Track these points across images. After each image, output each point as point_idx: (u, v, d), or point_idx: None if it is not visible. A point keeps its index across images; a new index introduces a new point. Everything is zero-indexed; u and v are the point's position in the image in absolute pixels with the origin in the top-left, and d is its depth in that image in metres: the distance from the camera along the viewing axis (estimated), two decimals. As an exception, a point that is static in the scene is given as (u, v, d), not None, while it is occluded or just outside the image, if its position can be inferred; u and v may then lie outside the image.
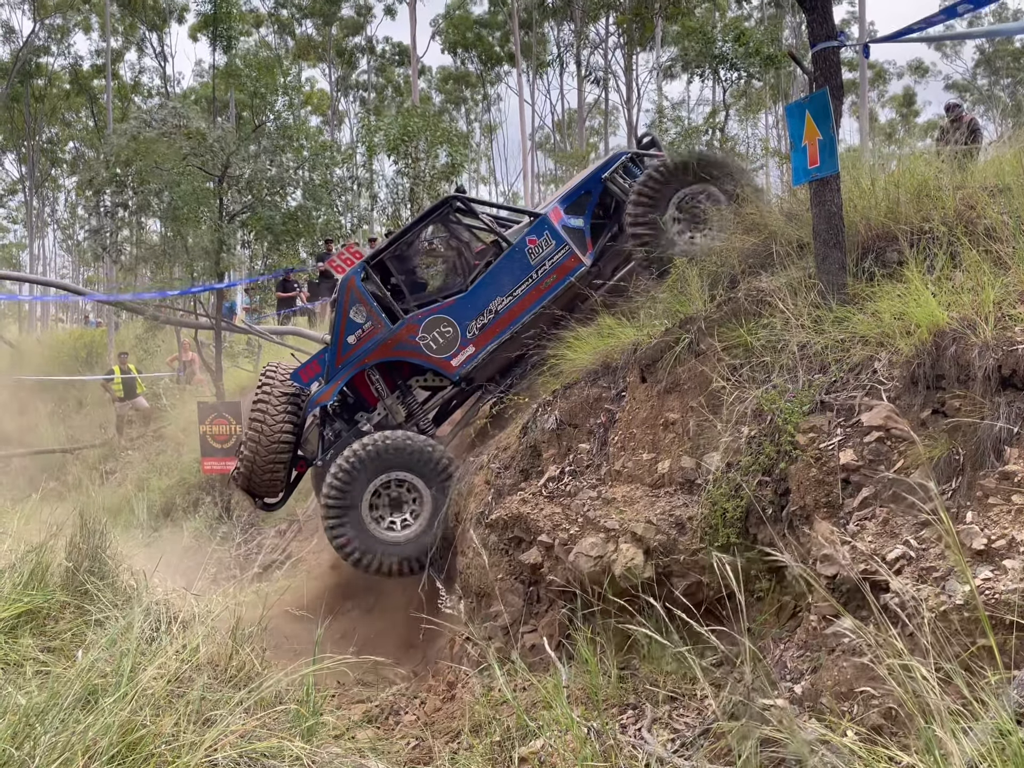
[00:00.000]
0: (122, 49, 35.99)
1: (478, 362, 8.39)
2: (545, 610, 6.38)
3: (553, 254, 8.29)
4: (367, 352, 8.46)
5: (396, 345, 8.43)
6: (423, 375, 8.80)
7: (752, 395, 5.47)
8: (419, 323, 8.38)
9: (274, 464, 8.57)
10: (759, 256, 6.84)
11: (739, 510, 5.13)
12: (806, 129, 5.75)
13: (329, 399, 8.56)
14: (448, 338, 8.35)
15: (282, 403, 8.60)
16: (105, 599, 5.41)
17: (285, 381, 8.75)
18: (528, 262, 8.31)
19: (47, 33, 33.59)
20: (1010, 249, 5.12)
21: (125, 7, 32.07)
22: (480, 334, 8.34)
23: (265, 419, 8.51)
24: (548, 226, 8.37)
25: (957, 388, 4.30)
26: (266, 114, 17.90)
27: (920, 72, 48.69)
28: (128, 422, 18.43)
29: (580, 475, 6.67)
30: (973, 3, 5.32)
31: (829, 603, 4.21)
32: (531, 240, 8.34)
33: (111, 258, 18.07)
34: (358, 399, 8.89)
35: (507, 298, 8.31)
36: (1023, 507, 3.60)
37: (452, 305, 8.40)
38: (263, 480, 8.70)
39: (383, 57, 43.11)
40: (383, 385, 8.61)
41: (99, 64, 36.20)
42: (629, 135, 29.36)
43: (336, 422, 8.84)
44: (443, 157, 18.06)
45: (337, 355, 8.53)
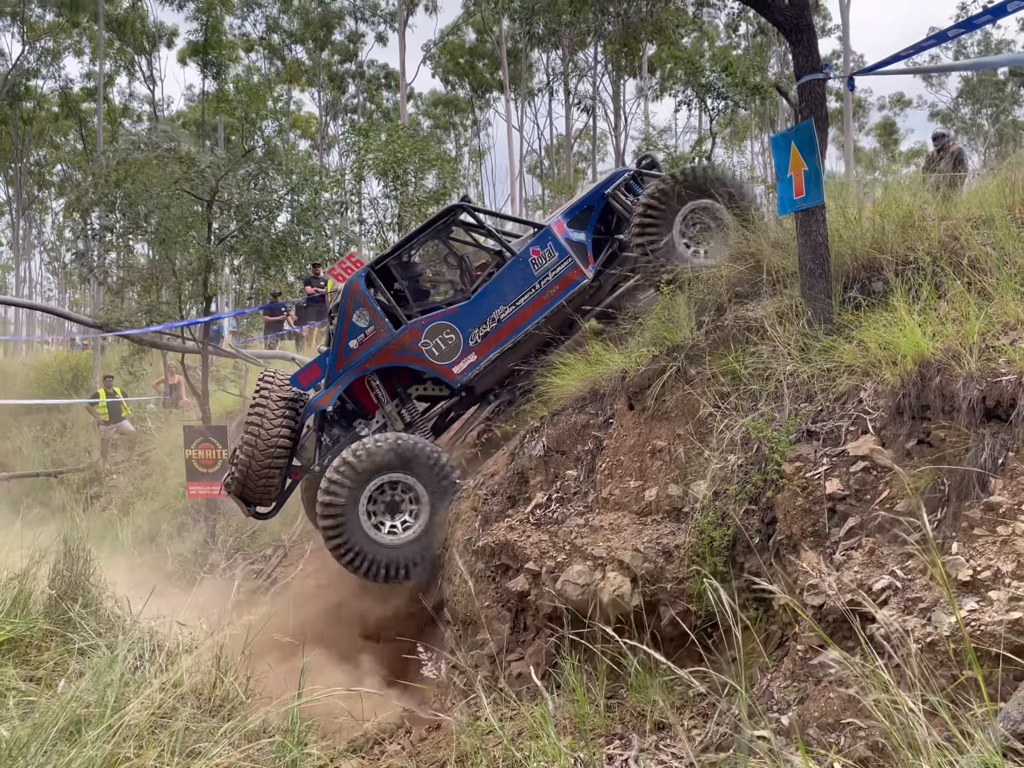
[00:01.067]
0: (112, 73, 36.05)
1: (480, 370, 8.35)
2: (532, 638, 6.36)
3: (556, 265, 8.32)
4: (369, 357, 8.42)
5: (398, 350, 8.40)
6: (423, 384, 8.77)
7: (739, 423, 5.49)
8: (422, 329, 8.35)
9: (270, 469, 8.43)
10: (746, 284, 6.89)
11: (726, 539, 5.14)
12: (792, 160, 5.81)
13: (328, 403, 8.49)
14: (451, 345, 8.32)
15: (280, 407, 8.48)
16: (88, 627, 5.36)
17: (283, 386, 8.66)
18: (531, 272, 8.33)
19: (37, 56, 33.64)
20: (994, 280, 5.18)
21: (115, 31, 32.16)
22: (483, 342, 8.31)
23: (263, 423, 8.39)
24: (552, 238, 8.41)
25: (942, 419, 4.34)
26: (255, 139, 17.96)
27: (901, 104, 49.37)
28: (113, 446, 18.32)
29: (567, 502, 6.66)
30: (965, 27, 5.38)
31: (816, 633, 4.22)
32: (535, 251, 8.38)
33: (97, 280, 18.03)
34: (357, 406, 8.82)
35: (510, 307, 8.31)
36: (1008, 538, 3.61)
37: (455, 312, 8.38)
38: (258, 486, 8.54)
39: (372, 82, 43.33)
40: (383, 391, 8.54)
41: (89, 87, 36.27)
42: (617, 161, 29.54)
43: (334, 428, 8.77)
44: (432, 181, 18.13)
45: (338, 359, 8.48)
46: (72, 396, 21.49)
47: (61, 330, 40.78)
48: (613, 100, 26.65)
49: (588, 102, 33.37)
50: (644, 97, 26.67)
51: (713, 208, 8.03)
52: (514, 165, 36.07)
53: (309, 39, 39.99)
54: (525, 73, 36.99)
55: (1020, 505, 3.70)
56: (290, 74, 41.01)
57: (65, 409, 20.95)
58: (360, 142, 17.83)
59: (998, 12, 5.06)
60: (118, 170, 13.79)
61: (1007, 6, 4.79)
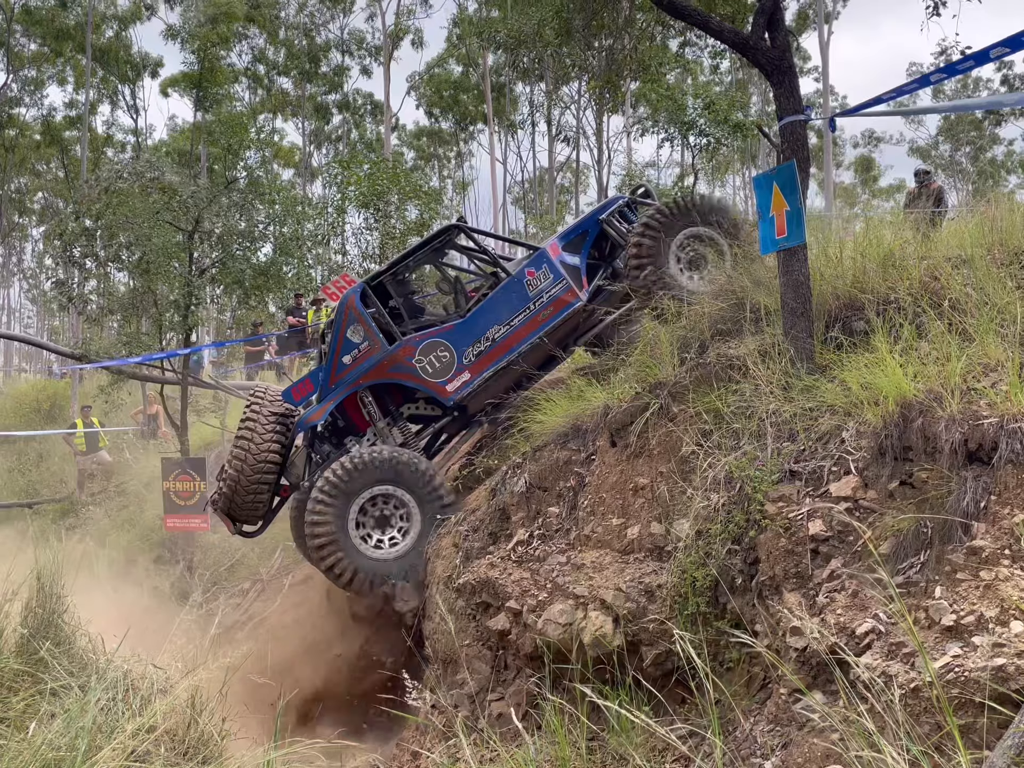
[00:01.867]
0: (95, 102, 36.08)
1: (473, 389, 8.32)
2: (513, 678, 6.29)
3: (551, 287, 8.34)
4: (362, 372, 8.38)
5: (392, 367, 8.37)
6: (415, 403, 8.73)
7: (722, 462, 5.48)
8: (416, 346, 8.34)
9: (259, 485, 8.28)
10: (728, 321, 6.90)
11: (708, 579, 5.11)
12: (774, 200, 5.85)
13: (320, 419, 8.41)
14: (444, 362, 8.31)
15: (271, 423, 8.35)
16: (61, 667, 5.25)
17: (275, 401, 8.56)
18: (526, 293, 8.35)
19: (20, 85, 33.66)
20: (974, 321, 5.21)
21: (98, 60, 32.22)
22: (476, 361, 8.30)
23: (253, 437, 8.25)
24: (547, 260, 8.44)
25: (924, 460, 4.34)
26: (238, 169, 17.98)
27: (874, 142, 50.09)
28: (90, 476, 18.11)
29: (549, 539, 6.62)
30: (947, 72, 5.45)
31: (798, 677, 4.19)
32: (530, 272, 8.41)
33: (77, 309, 17.92)
34: (348, 423, 8.74)
35: (504, 327, 8.32)
36: (991, 583, 3.60)
37: (450, 330, 8.39)
38: (245, 502, 8.38)
39: (357, 112, 43.52)
40: (376, 409, 8.47)
41: (71, 115, 36.25)
42: (599, 194, 29.72)
43: (325, 445, 8.67)
44: (413, 212, 18.17)
45: (331, 375, 8.45)
46: (49, 426, 21.27)
47: (39, 358, 40.47)
48: (596, 135, 26.91)
49: (571, 133, 33.67)
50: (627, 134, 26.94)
51: (709, 236, 8.10)
52: (497, 197, 36.26)
53: (295, 71, 40.20)
54: (509, 106, 37.29)
55: (1003, 550, 3.70)
56: (275, 104, 41.15)
57: (42, 439, 20.73)
58: (342, 174, 17.88)
59: (980, 59, 5.14)
60: (100, 200, 13.74)
61: (989, 53, 4.87)
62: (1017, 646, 3.33)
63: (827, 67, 27.51)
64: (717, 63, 31.21)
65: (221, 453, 15.03)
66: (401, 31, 36.82)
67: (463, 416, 8.71)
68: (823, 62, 27.67)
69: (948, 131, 44.88)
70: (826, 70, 27.45)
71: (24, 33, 31.52)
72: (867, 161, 50.79)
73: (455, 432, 9.03)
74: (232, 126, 26.28)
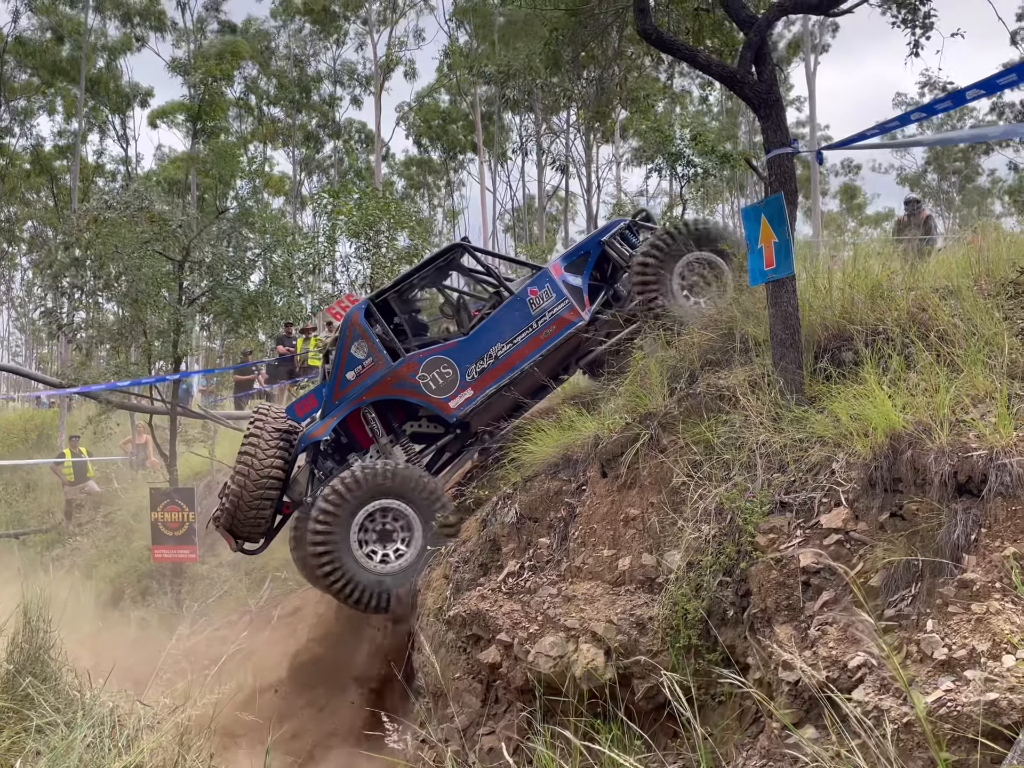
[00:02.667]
0: (86, 131, 36.17)
1: (476, 406, 8.39)
2: (504, 711, 6.24)
3: (553, 306, 8.46)
4: (366, 388, 8.44)
5: (396, 383, 8.43)
6: (417, 420, 8.78)
7: (713, 493, 5.48)
8: (420, 362, 8.41)
9: (262, 501, 8.27)
10: (718, 352, 6.93)
11: (700, 611, 5.09)
12: (762, 232, 5.89)
13: (324, 435, 8.46)
14: (447, 379, 8.38)
15: (274, 439, 8.36)
16: (47, 703, 5.19)
17: (279, 417, 8.60)
18: (529, 312, 8.46)
19: (11, 115, 33.70)
20: (961, 352, 5.24)
21: (89, 91, 32.33)
22: (479, 378, 8.38)
23: (256, 453, 8.25)
24: (549, 279, 8.56)
25: (914, 492, 4.35)
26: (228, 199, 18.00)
27: (854, 170, 50.68)
28: (78, 507, 18.00)
29: (540, 571, 6.59)
30: (926, 111, 5.55)
31: (791, 711, 4.17)
32: (532, 291, 8.52)
33: (66, 338, 17.86)
34: (351, 440, 8.79)
35: (507, 345, 8.41)
36: (983, 617, 3.60)
37: (453, 347, 8.47)
38: (248, 519, 8.36)
39: (348, 142, 43.71)
40: (379, 425, 8.51)
41: (61, 145, 36.30)
42: (588, 222, 29.90)
43: (327, 461, 8.72)
44: (403, 241, 18.21)
45: (335, 391, 8.51)
46: (37, 455, 21.14)
47: (27, 387, 40.28)
48: (585, 165, 27.12)
49: (560, 160, 33.89)
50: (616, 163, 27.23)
51: (712, 261, 8.18)
52: (487, 225, 36.44)
53: (284, 101, 40.42)
54: (499, 135, 37.49)
55: (994, 583, 3.69)
56: (265, 133, 41.32)
57: (29, 469, 20.60)
58: (332, 203, 17.92)
59: (958, 100, 5.25)
60: (89, 229, 13.73)
61: (965, 94, 4.97)
62: (1009, 680, 3.32)
63: (814, 97, 27.86)
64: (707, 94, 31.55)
65: (210, 483, 14.97)
66: (392, 62, 37.09)
67: (465, 434, 8.76)
68: (809, 92, 28.05)
69: (935, 160, 45.35)
70: (813, 100, 27.80)
71: (18, 65, 31.61)
72: (851, 189, 51.34)
73: (457, 451, 9.06)
74: (223, 156, 26.38)
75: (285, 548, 11.84)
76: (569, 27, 8.47)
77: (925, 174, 46.98)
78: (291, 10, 38.44)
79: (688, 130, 12.63)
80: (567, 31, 8.51)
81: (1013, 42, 26.81)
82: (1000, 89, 5.18)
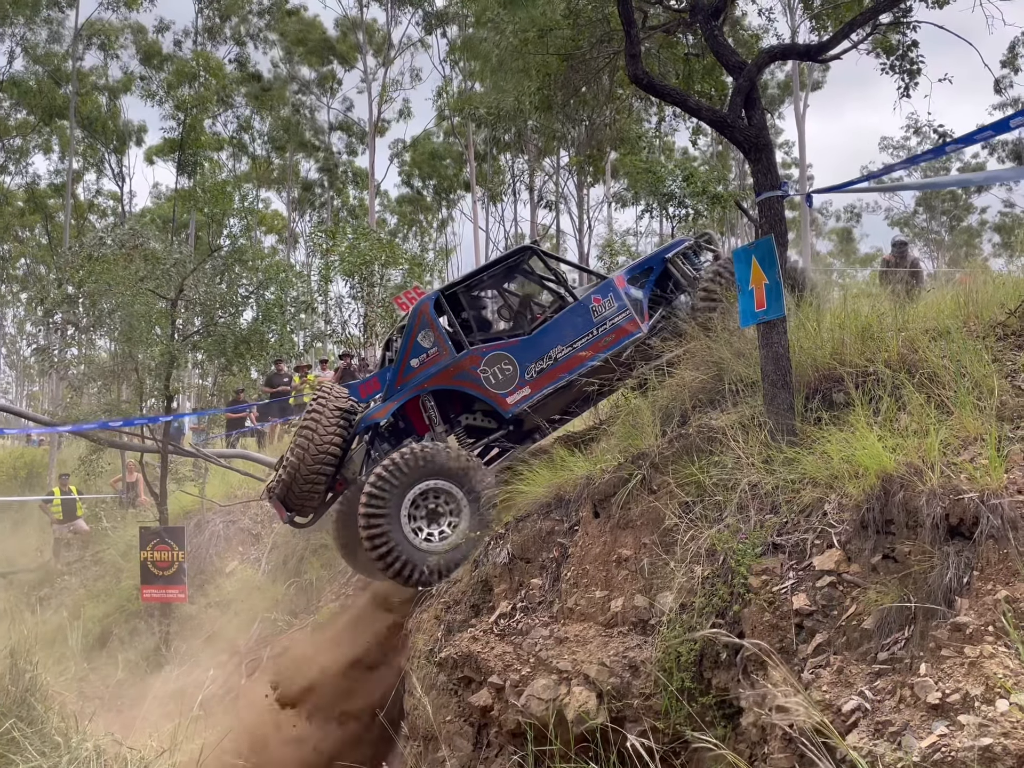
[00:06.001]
0: (81, 170, 36.31)
1: (532, 404, 8.53)
2: (495, 755, 6.17)
3: (615, 316, 8.65)
4: (428, 376, 8.65)
5: (457, 374, 8.63)
6: (473, 414, 8.93)
7: (705, 534, 5.47)
8: (482, 356, 8.60)
9: (317, 476, 8.45)
10: (709, 392, 6.96)
11: (693, 653, 5.06)
12: (753, 273, 5.94)
13: (384, 417, 8.66)
14: (507, 375, 8.56)
15: (335, 416, 8.55)
16: (32, 747, 5.12)
17: (340, 397, 8.76)
18: (591, 318, 8.66)
19: (5, 154, 33.86)
20: (951, 393, 5.26)
21: (86, 128, 32.51)
22: (538, 377, 8.56)
23: (317, 428, 8.45)
24: (613, 289, 8.76)
25: (906, 534, 4.34)
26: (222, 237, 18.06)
27: (856, 217, 51.42)
28: (66, 545, 17.86)
29: (532, 612, 6.55)
30: (908, 162, 5.66)
31: (785, 755, 4.13)
32: (596, 299, 8.72)
33: (58, 375, 17.80)
34: (408, 426, 8.97)
35: (567, 348, 8.59)
36: (976, 660, 3.59)
37: (516, 345, 8.67)
38: (302, 491, 8.54)
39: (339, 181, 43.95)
40: (436, 414, 8.70)
41: (56, 183, 36.43)
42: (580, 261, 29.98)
43: (384, 444, 8.86)
44: (397, 278, 18.30)
45: (398, 376, 8.72)
46: (26, 493, 21.01)
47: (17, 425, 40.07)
48: (577, 205, 27.35)
49: (551, 199, 34.17)
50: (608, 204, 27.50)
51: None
52: (480, 263, 36.58)
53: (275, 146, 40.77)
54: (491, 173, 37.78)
55: (987, 626, 3.68)
56: (258, 174, 41.55)
57: (18, 507, 20.46)
58: (326, 242, 18.03)
59: (938, 152, 5.41)
60: (82, 267, 13.76)
61: (945, 148, 5.14)
62: (1003, 725, 3.30)
63: (803, 139, 28.19)
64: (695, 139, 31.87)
65: (200, 522, 14.89)
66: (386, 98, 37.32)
67: (515, 431, 8.89)
68: (799, 134, 28.38)
69: (925, 200, 45.89)
70: (802, 142, 28.13)
71: (14, 105, 31.82)
72: (847, 232, 52.12)
73: (504, 448, 9.15)
74: (216, 195, 26.48)
75: (275, 589, 11.79)
76: (561, 71, 8.60)
77: (915, 215, 47.52)
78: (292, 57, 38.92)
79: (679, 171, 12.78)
80: (559, 75, 8.64)
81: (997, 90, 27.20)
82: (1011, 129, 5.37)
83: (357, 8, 35.21)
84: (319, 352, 26.32)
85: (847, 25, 6.66)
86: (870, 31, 7.04)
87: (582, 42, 8.57)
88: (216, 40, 35.26)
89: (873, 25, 6.99)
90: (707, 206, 12.40)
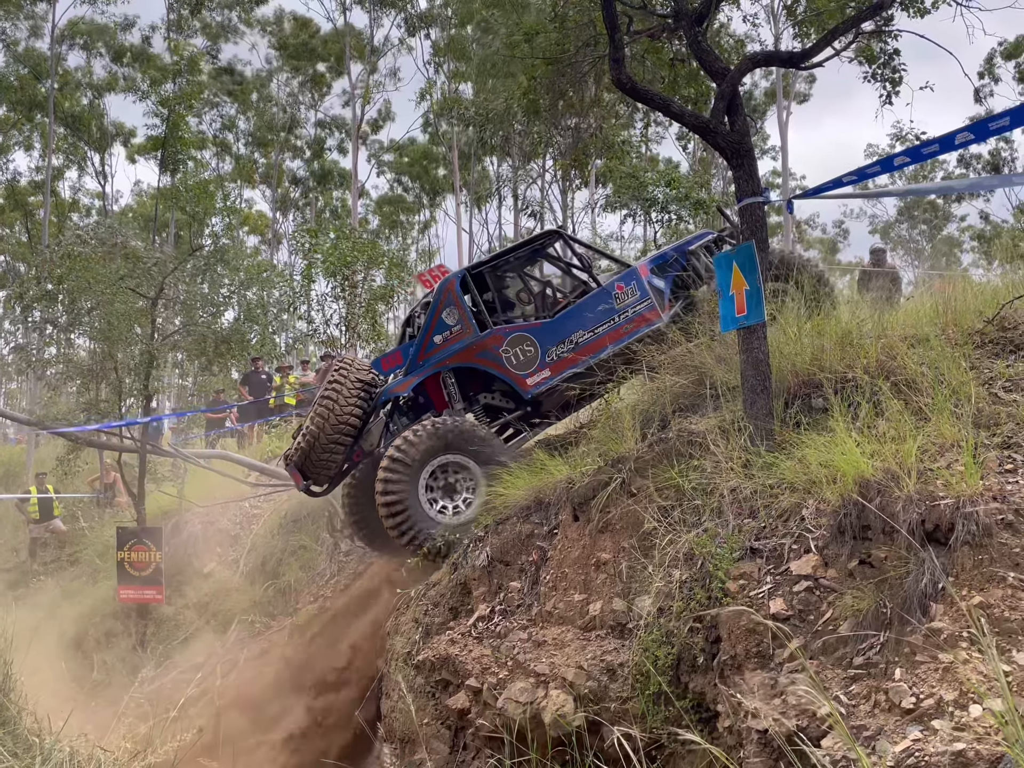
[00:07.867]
0: (63, 167, 35.99)
1: (551, 387, 8.60)
2: (472, 758, 6.16)
3: (637, 304, 8.69)
4: (450, 353, 8.71)
5: (480, 352, 8.69)
6: (492, 393, 8.99)
7: (684, 538, 5.48)
8: (505, 336, 8.67)
9: (335, 445, 8.52)
10: (690, 397, 6.98)
11: (670, 657, 5.06)
12: (733, 279, 5.96)
13: (405, 391, 8.76)
14: (528, 357, 8.62)
15: (356, 387, 8.63)
16: (4, 749, 5.06)
17: (361, 369, 8.85)
18: (613, 305, 8.71)
19: (-16, 151, 33.57)
20: (928, 400, 5.29)
21: (69, 127, 32.25)
22: (558, 360, 8.62)
23: (337, 399, 8.51)
24: (636, 277, 8.80)
25: (883, 540, 4.37)
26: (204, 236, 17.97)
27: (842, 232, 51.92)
28: (42, 545, 17.69)
29: (511, 615, 6.54)
30: (911, 156, 5.70)
31: (761, 759, 4.14)
32: (619, 286, 8.76)
33: (36, 374, 17.65)
34: (427, 402, 9.03)
35: (588, 333, 8.64)
36: (950, 666, 3.61)
37: (538, 327, 8.76)
38: (320, 460, 8.60)
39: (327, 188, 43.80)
40: (456, 391, 8.76)
41: (37, 180, 36.12)
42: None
43: (403, 418, 8.95)
44: (379, 279, 18.23)
45: (421, 351, 8.78)
46: (1, 491, 20.81)
47: (-4, 423, 39.73)
48: (562, 210, 27.35)
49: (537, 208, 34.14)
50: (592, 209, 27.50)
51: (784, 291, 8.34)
52: (463, 265, 36.46)
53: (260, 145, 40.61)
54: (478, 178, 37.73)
55: (961, 632, 3.71)
56: (242, 173, 41.38)
57: (-7, 506, 20.27)
58: (309, 242, 17.95)
59: (915, 157, 5.44)
60: (62, 264, 13.65)
61: (922, 150, 5.18)
62: (976, 731, 3.32)
63: (786, 147, 28.30)
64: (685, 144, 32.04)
65: (178, 522, 14.78)
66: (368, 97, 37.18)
67: (531, 413, 8.94)
68: (782, 141, 28.49)
69: (907, 210, 46.19)
70: (785, 149, 28.23)
71: (-7, 101, 31.55)
72: (832, 243, 52.52)
73: (517, 430, 9.19)
74: (199, 194, 26.36)
75: (253, 590, 11.72)
76: (547, 75, 8.62)
77: (896, 225, 47.84)
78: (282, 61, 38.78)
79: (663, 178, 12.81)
80: (545, 79, 8.66)
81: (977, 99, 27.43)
82: (992, 134, 5.41)
83: (340, 11, 35.02)
84: (301, 353, 26.22)
85: (829, 33, 6.70)
86: (852, 39, 7.07)
87: (568, 45, 8.60)
88: (185, 34, 34.89)
89: (855, 33, 7.02)
90: (690, 211, 12.45)
